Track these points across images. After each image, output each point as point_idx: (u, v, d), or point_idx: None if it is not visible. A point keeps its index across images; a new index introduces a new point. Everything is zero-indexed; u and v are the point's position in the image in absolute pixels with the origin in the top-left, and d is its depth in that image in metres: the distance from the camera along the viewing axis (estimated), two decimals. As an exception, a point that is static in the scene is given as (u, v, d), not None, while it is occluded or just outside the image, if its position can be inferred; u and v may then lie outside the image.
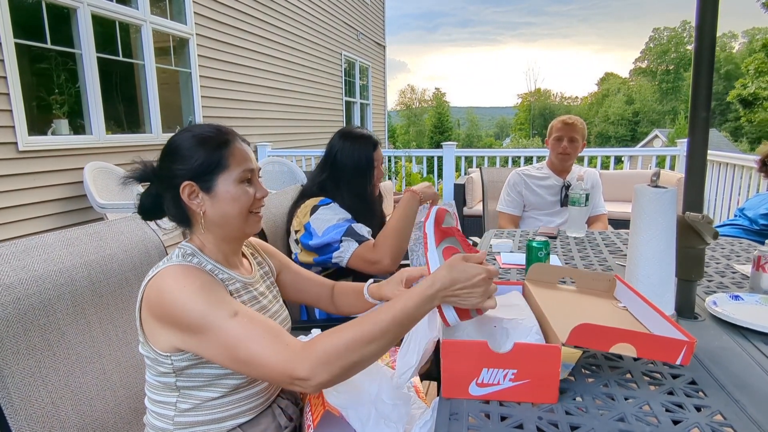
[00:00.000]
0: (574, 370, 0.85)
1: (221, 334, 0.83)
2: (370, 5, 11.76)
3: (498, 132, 73.40)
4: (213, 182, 0.95)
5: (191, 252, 0.96)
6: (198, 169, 0.94)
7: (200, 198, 0.95)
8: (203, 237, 0.99)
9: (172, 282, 0.87)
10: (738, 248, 1.71)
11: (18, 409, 0.87)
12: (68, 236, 1.05)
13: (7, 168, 3.45)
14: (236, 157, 0.97)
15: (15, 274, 0.91)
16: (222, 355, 0.85)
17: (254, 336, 0.83)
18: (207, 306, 0.84)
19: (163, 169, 0.98)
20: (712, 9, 1.04)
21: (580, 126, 2.44)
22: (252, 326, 0.85)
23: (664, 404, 0.74)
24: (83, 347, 1.01)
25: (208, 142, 0.96)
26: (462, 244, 0.99)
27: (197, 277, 0.88)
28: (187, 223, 0.99)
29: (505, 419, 0.71)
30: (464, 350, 0.77)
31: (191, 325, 0.84)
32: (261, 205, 1.02)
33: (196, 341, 0.85)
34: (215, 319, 0.84)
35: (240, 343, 0.83)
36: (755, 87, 29.00)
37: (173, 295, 0.85)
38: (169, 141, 0.98)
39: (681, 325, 1.03)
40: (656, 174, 1.04)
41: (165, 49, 5.15)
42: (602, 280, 1.09)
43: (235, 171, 0.96)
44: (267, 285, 1.13)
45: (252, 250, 1.17)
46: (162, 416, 0.95)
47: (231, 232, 1.00)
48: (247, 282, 1.03)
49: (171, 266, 0.90)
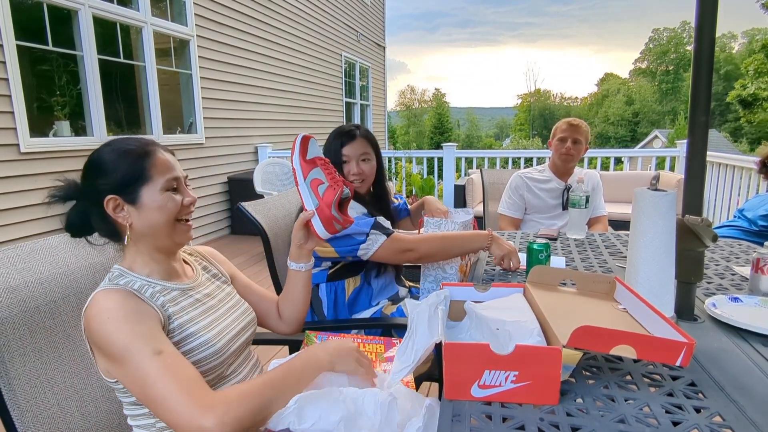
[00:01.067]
0: (574, 371, 0.86)
1: (139, 369, 0.83)
2: (369, 6, 11.78)
3: (498, 132, 73.44)
4: (137, 193, 0.94)
5: (119, 274, 0.95)
6: (121, 182, 0.93)
7: (125, 210, 0.94)
8: (134, 251, 0.98)
9: (98, 310, 0.86)
10: (737, 250, 1.72)
11: (24, 410, 0.88)
12: (73, 239, 1.06)
13: (9, 170, 3.46)
14: (158, 167, 0.96)
15: (20, 276, 0.92)
16: (136, 390, 0.84)
17: (170, 378, 0.82)
18: (131, 338, 0.84)
19: (86, 186, 0.96)
20: (711, 13, 1.05)
21: (585, 129, 2.45)
22: (171, 368, 0.83)
23: (664, 406, 0.75)
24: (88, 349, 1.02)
25: (130, 155, 0.94)
26: (326, 175, 1.08)
27: (122, 306, 0.87)
28: (118, 238, 0.98)
29: (506, 420, 0.72)
30: (466, 352, 0.78)
31: (114, 354, 0.84)
32: (189, 212, 1.01)
33: (117, 369, 0.85)
34: (137, 353, 0.83)
35: (154, 382, 0.82)
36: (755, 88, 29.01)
37: (99, 323, 0.84)
38: (90, 157, 0.97)
39: (680, 327, 1.05)
40: (656, 177, 1.05)
41: (166, 50, 5.16)
42: (602, 282, 1.10)
43: (159, 181, 0.95)
44: (216, 285, 1.13)
45: (199, 257, 1.17)
46: (145, 427, 0.95)
47: (160, 243, 0.99)
48: (186, 288, 1.02)
49: (99, 293, 0.89)
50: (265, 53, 6.93)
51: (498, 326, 0.88)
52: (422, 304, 0.96)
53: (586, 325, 0.76)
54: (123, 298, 0.88)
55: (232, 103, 6.21)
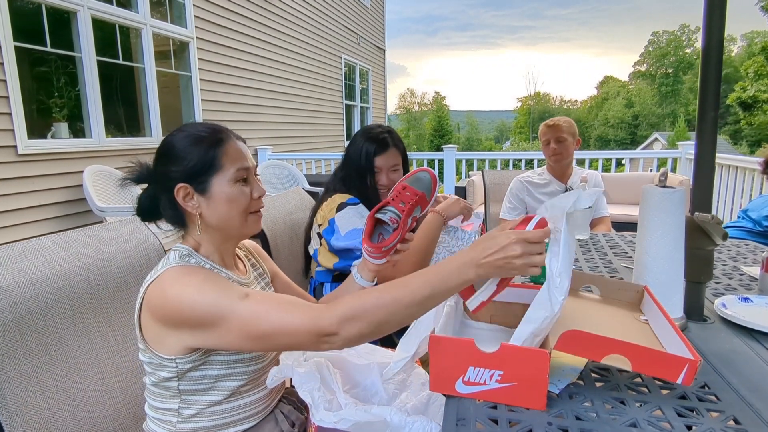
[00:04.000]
0: (582, 374, 0.83)
1: (236, 316, 0.82)
2: (370, 9, 11.78)
3: (498, 135, 73.54)
4: (207, 183, 0.93)
5: (187, 253, 0.94)
6: (192, 170, 0.92)
7: (195, 200, 0.93)
8: (199, 237, 0.97)
9: (174, 282, 0.85)
10: (744, 250, 1.69)
11: (14, 415, 0.85)
12: (66, 239, 1.03)
13: (7, 171, 3.44)
14: (230, 156, 0.95)
15: (12, 277, 0.89)
16: (242, 338, 0.83)
17: (271, 307, 0.83)
18: (216, 295, 0.83)
19: (157, 171, 0.96)
20: (720, 8, 1.02)
21: (565, 125, 2.43)
22: (266, 300, 0.85)
23: (677, 409, 0.72)
24: (81, 352, 0.99)
25: (202, 142, 0.93)
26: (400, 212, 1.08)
27: (198, 273, 0.87)
28: (184, 225, 0.98)
29: (513, 424, 0.70)
30: (450, 347, 0.76)
31: (203, 318, 0.83)
32: (260, 205, 1.00)
33: (211, 334, 0.84)
34: (227, 305, 0.82)
35: (258, 318, 0.82)
36: (755, 90, 29.07)
37: (178, 295, 0.84)
38: (163, 141, 0.96)
39: (690, 327, 1.02)
40: (664, 174, 1.02)
41: (165, 52, 5.15)
42: (629, 291, 1.02)
43: (229, 171, 0.94)
44: (262, 286, 1.12)
45: (246, 252, 1.16)
46: (164, 422, 0.94)
47: (229, 233, 0.99)
48: (244, 282, 1.02)
49: (170, 268, 0.88)
50: (265, 55, 6.92)
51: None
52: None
53: (575, 329, 0.73)
54: (198, 270, 0.88)
55: (231, 106, 6.19)
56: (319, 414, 0.89)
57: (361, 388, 1.03)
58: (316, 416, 0.89)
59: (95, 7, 4.09)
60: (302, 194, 1.96)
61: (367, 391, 1.03)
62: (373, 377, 1.03)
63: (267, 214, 1.62)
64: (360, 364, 1.05)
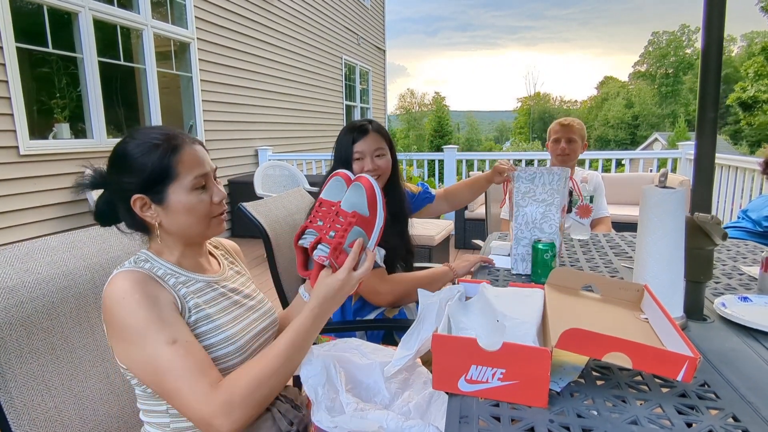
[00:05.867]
0: (584, 372, 0.84)
1: (153, 358, 0.83)
2: (370, 10, 11.80)
3: (498, 136, 73.57)
4: (164, 194, 0.91)
5: (144, 258, 0.94)
6: (147, 181, 0.89)
7: (153, 210, 0.92)
8: (162, 242, 0.97)
9: (114, 289, 0.85)
10: (744, 250, 1.70)
11: (21, 413, 0.86)
12: (72, 239, 1.04)
13: (9, 172, 3.45)
14: (186, 163, 0.91)
15: (18, 277, 0.90)
16: (149, 379, 0.85)
17: (184, 371, 0.83)
18: (146, 323, 0.83)
19: (112, 180, 0.93)
20: (719, 8, 1.03)
21: (578, 127, 2.44)
22: (184, 360, 0.83)
23: (677, 406, 0.73)
24: (87, 351, 1.00)
25: (156, 149, 0.90)
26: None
27: (140, 288, 0.86)
28: (145, 231, 0.97)
29: (515, 422, 0.70)
30: (453, 345, 0.77)
31: (126, 336, 0.84)
32: (222, 209, 0.98)
33: (128, 353, 0.85)
34: (152, 341, 0.83)
35: (168, 373, 0.82)
36: (755, 90, 29.09)
37: (114, 301, 0.84)
38: (116, 149, 0.93)
39: (690, 327, 1.03)
40: (664, 174, 1.03)
41: (166, 53, 5.16)
42: (629, 290, 1.03)
43: (186, 179, 0.91)
44: (241, 282, 1.10)
45: (224, 251, 1.15)
46: (159, 425, 0.94)
47: (192, 239, 0.98)
48: (212, 280, 1.01)
49: (120, 273, 0.88)
50: (266, 56, 6.93)
51: (499, 318, 0.86)
52: (434, 296, 0.96)
53: (576, 327, 0.74)
54: (142, 280, 0.87)
55: (232, 106, 6.20)
56: (319, 414, 0.90)
57: (363, 387, 1.04)
58: (316, 415, 0.90)
59: (96, 7, 4.10)
60: (303, 194, 1.96)
61: (370, 391, 1.04)
62: (375, 376, 1.04)
63: (269, 215, 1.62)
64: (363, 363, 1.06)
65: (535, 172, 1.44)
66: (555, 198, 1.42)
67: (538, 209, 1.43)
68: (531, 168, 1.48)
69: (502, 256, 1.66)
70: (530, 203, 1.44)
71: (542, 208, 1.43)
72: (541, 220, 1.44)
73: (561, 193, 1.42)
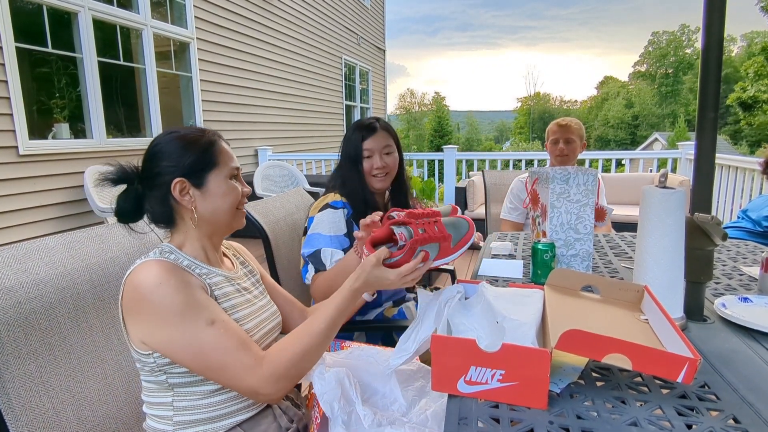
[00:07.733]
0: (583, 373, 0.83)
1: (195, 339, 0.86)
2: (370, 9, 11.79)
3: (498, 136, 73.57)
4: (204, 179, 0.98)
5: (169, 250, 0.97)
6: (190, 167, 0.97)
7: (191, 194, 0.97)
8: (185, 234, 1.01)
9: (149, 275, 0.88)
10: (744, 250, 1.70)
11: (19, 414, 0.85)
12: (70, 239, 1.04)
13: (8, 172, 3.45)
14: (224, 155, 1.01)
15: (16, 277, 0.90)
16: (191, 359, 0.88)
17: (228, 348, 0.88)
18: (185, 307, 0.87)
19: (149, 169, 0.98)
20: (719, 9, 1.03)
21: (576, 127, 2.43)
22: (227, 337, 0.89)
23: (677, 408, 0.72)
24: (85, 351, 1.00)
25: (197, 142, 0.99)
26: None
27: (174, 274, 0.90)
28: (171, 222, 1.01)
29: (514, 424, 0.70)
30: (453, 346, 0.77)
31: (165, 321, 0.86)
32: (245, 202, 1.07)
33: (165, 338, 0.87)
34: (192, 324, 0.87)
35: (213, 352, 0.87)
36: (755, 90, 29.10)
37: (150, 288, 0.87)
38: (154, 142, 1.00)
39: (690, 327, 1.02)
40: (664, 175, 1.02)
41: (166, 53, 5.16)
42: (629, 291, 1.02)
43: (224, 168, 1.00)
44: (252, 282, 1.14)
45: (234, 252, 1.19)
46: (162, 418, 0.95)
47: (219, 228, 1.03)
48: (229, 276, 1.05)
49: (148, 261, 0.91)
50: (266, 56, 6.92)
51: (499, 319, 0.86)
52: (434, 296, 0.96)
53: (575, 328, 0.73)
54: (173, 268, 0.91)
55: (232, 106, 6.20)
56: (336, 429, 0.91)
57: (380, 395, 1.03)
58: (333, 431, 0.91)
59: (96, 7, 4.10)
60: (303, 194, 1.96)
61: (386, 399, 1.02)
62: (391, 384, 1.03)
63: (268, 215, 1.62)
64: (377, 372, 1.05)
65: (570, 173, 1.39)
66: (589, 198, 1.38)
67: (573, 210, 1.40)
68: (565, 168, 1.44)
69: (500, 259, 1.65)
70: (564, 203, 1.40)
71: (577, 209, 1.39)
72: (576, 221, 1.40)
73: (594, 194, 1.39)
